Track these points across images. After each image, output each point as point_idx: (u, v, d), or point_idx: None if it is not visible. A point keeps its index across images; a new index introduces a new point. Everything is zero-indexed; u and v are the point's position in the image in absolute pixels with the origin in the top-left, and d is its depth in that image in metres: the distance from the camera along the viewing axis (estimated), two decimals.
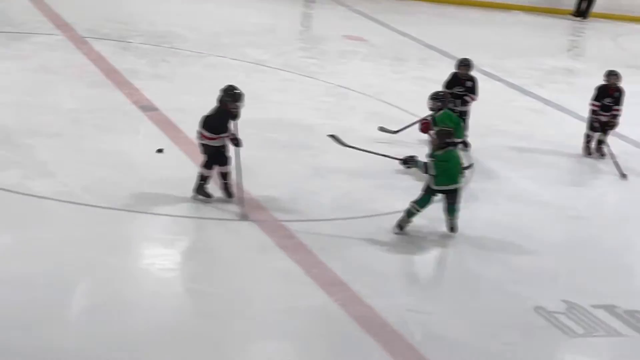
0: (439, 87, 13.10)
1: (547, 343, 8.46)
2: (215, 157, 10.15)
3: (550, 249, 10.50)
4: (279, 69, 16.54)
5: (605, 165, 13.46)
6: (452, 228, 10.28)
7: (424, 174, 10.19)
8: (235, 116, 10.16)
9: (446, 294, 9.36)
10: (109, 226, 9.38)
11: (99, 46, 15.80)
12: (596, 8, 26.99)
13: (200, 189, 10.14)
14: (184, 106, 13.24)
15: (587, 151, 13.80)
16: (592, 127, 13.70)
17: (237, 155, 10.12)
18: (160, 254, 9.15)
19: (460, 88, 13.32)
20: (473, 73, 13.56)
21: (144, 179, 10.62)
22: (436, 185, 10.13)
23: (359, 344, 7.96)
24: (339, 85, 15.96)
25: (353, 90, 14.76)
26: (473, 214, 10.61)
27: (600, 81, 13.81)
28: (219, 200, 10.22)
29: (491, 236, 10.27)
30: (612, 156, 13.36)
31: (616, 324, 8.87)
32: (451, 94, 12.96)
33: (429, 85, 12.90)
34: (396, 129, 13.19)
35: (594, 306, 9.09)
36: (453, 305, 8.96)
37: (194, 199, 10.09)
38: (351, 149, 11.39)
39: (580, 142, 13.87)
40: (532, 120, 15.78)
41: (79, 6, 18.84)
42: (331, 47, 19.15)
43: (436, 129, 11.34)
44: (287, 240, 9.60)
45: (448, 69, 13.78)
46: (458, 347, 8.15)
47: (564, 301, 9.11)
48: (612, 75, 13.74)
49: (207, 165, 10.15)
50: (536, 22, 25.93)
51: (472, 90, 13.41)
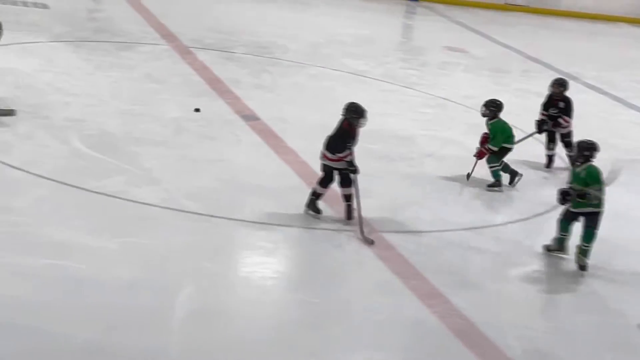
0: (541, 100, 12.94)
1: None
2: (332, 176, 10.09)
3: None
4: (378, 79, 16.57)
5: None
6: (583, 266, 9.79)
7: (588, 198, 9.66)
8: (355, 136, 10.07)
9: (548, 309, 9.25)
10: (210, 233, 9.52)
11: (202, 56, 16.08)
12: None
13: (312, 204, 10.14)
14: (285, 116, 13.41)
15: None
16: None
17: (354, 180, 10.10)
18: (261, 262, 9.25)
19: (554, 110, 12.71)
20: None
21: (245, 187, 10.75)
22: (577, 207, 9.71)
23: (457, 357, 7.92)
24: (439, 97, 15.92)
25: (453, 102, 14.70)
26: (577, 229, 10.43)
27: None
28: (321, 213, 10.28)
29: (595, 252, 10.10)
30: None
31: None
32: (548, 116, 12.63)
33: (531, 97, 12.77)
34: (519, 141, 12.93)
35: None
36: (554, 321, 8.85)
37: (306, 213, 10.11)
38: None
39: None
40: (637, 134, 15.47)
41: (184, 17, 19.22)
42: (431, 58, 19.12)
43: (491, 136, 11.44)
44: (386, 252, 9.61)
45: (550, 80, 13.59)
46: None
47: None
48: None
49: (322, 183, 10.13)
50: None
51: (565, 112, 12.69)
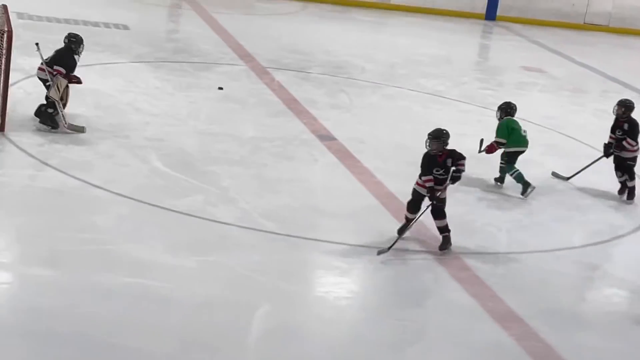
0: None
1: None
2: (419, 202, 9.97)
3: None
4: (455, 100, 16.52)
5: None
6: None
7: None
8: (441, 163, 9.90)
9: (626, 332, 9.08)
10: (286, 253, 9.58)
11: (279, 76, 16.21)
12: None
13: (402, 230, 10.10)
14: (362, 136, 13.43)
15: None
16: None
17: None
18: (336, 282, 9.26)
19: (619, 132, 12.27)
20: None
21: (321, 207, 10.79)
22: None
23: None
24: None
25: (531, 122, 14.54)
26: None
27: None
28: (393, 231, 10.25)
29: None
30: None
31: None
32: (615, 139, 12.27)
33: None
34: (568, 176, 12.77)
35: None
36: (632, 345, 8.69)
37: (400, 238, 10.06)
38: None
39: None
40: None
41: (262, 37, 19.40)
42: (509, 78, 18.99)
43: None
44: (462, 273, 9.55)
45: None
46: None
47: None
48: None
49: (408, 207, 10.05)
50: None
51: (630, 134, 12.16)
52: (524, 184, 11.97)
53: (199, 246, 9.39)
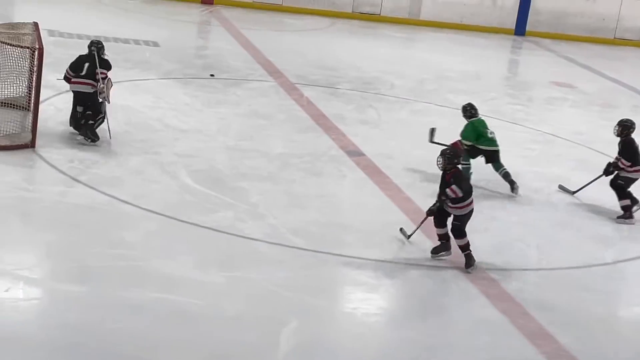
0: None
1: None
2: (441, 216, 9.94)
3: None
4: (485, 115, 16.40)
5: None
6: None
7: None
8: (447, 181, 9.87)
9: None
10: (314, 268, 9.57)
11: (308, 92, 16.23)
12: None
13: (435, 248, 10.11)
14: (390, 152, 13.41)
15: None
16: None
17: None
18: (365, 298, 9.24)
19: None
20: None
21: (349, 223, 10.78)
22: None
23: None
24: (546, 133, 15.73)
25: (561, 138, 14.48)
26: None
27: None
28: (425, 247, 10.23)
29: None
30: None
31: None
32: (616, 158, 12.07)
33: None
34: (575, 190, 12.63)
35: None
36: None
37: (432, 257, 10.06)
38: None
39: None
40: None
41: (291, 53, 19.45)
42: (538, 94, 18.91)
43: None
44: (491, 289, 9.50)
45: None
46: None
47: None
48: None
49: (434, 222, 10.05)
50: None
51: (622, 154, 12.00)
52: (509, 182, 12.29)
53: (227, 262, 9.40)
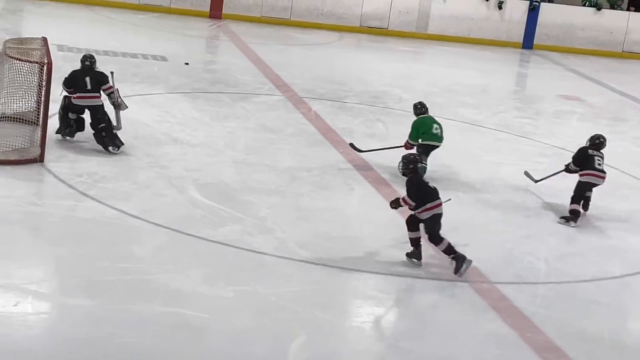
0: None
1: None
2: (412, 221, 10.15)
3: None
4: (493, 129, 16.47)
5: None
6: None
7: None
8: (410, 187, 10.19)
9: None
10: (323, 282, 9.56)
11: (316, 106, 16.26)
12: None
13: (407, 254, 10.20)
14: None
15: None
16: None
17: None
18: (373, 312, 9.22)
19: None
20: None
21: (357, 236, 10.77)
22: None
23: None
24: (554, 146, 15.71)
25: (569, 151, 14.44)
26: None
27: None
28: (433, 261, 10.22)
29: None
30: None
31: None
32: None
33: None
34: (538, 178, 12.92)
35: None
36: None
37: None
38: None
39: None
40: None
41: (298, 67, 19.49)
42: (546, 107, 18.91)
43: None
44: (500, 303, 9.48)
45: None
46: None
47: None
48: None
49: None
50: None
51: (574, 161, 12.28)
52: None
53: (236, 276, 9.40)
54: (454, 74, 21.15)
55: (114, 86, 12.45)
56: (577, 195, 12.08)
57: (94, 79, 12.27)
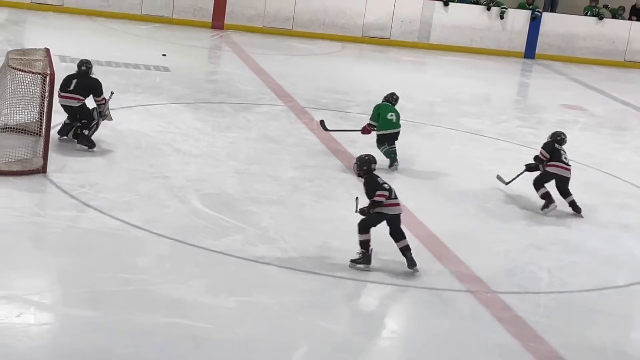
0: None
1: None
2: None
3: None
4: (495, 138, 16.46)
5: None
6: None
7: None
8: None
9: None
10: (325, 292, 9.54)
11: (318, 116, 16.24)
12: None
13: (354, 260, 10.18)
14: (401, 175, 13.39)
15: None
16: None
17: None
18: (376, 322, 9.21)
19: None
20: None
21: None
22: None
23: None
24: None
25: (571, 160, 14.44)
26: None
27: None
28: (435, 272, 10.21)
29: None
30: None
31: None
32: None
33: None
34: (508, 180, 13.12)
35: None
36: None
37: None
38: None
39: None
40: None
41: (301, 78, 19.51)
42: (548, 117, 18.91)
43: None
44: (503, 313, 9.47)
45: None
46: None
47: None
48: None
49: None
50: None
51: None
52: (392, 159, 13.44)
53: (238, 286, 9.40)
54: (455, 84, 21.16)
55: (107, 101, 12.73)
56: (539, 181, 12.57)
57: (81, 83, 12.56)
